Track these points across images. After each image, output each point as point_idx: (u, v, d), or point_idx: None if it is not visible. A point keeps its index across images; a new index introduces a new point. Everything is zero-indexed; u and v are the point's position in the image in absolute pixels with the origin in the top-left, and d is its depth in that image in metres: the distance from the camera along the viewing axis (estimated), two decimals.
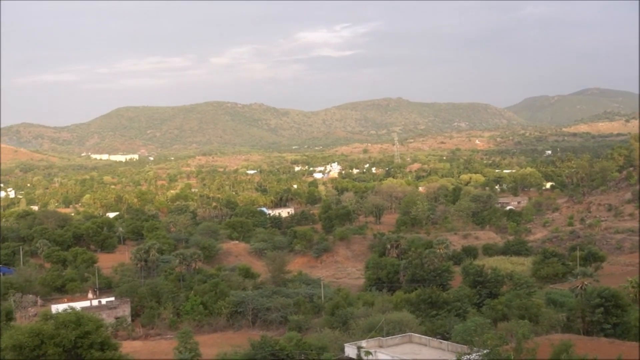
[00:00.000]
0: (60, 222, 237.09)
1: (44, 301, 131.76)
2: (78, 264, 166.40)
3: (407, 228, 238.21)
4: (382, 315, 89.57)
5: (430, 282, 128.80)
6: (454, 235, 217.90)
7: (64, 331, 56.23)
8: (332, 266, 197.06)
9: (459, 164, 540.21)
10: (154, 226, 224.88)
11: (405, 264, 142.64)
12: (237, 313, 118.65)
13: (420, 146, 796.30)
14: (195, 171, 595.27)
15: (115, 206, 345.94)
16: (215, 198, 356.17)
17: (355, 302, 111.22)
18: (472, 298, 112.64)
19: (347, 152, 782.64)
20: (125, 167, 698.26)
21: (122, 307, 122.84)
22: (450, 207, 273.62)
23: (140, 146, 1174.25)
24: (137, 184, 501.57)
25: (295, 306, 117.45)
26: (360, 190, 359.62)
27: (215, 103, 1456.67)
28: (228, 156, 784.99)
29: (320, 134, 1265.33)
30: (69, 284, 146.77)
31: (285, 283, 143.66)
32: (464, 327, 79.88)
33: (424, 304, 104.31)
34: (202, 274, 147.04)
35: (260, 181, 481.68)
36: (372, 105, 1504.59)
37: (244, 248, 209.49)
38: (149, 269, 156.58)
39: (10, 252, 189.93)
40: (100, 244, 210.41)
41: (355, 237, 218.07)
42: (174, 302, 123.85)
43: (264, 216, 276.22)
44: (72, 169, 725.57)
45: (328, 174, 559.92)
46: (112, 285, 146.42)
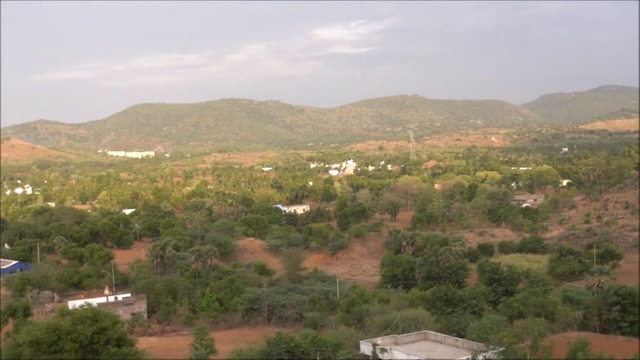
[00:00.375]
0: (77, 218, 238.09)
1: (60, 297, 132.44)
2: (94, 261, 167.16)
3: (423, 225, 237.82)
4: (398, 313, 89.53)
5: (446, 279, 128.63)
6: (469, 232, 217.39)
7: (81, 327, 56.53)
8: (348, 263, 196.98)
9: (474, 161, 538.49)
10: (170, 223, 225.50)
11: (421, 261, 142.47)
12: (253, 310, 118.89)
13: (436, 143, 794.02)
14: (211, 168, 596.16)
15: (131, 203, 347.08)
16: (231, 195, 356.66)
17: (370, 299, 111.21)
18: (487, 295, 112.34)
19: (362, 149, 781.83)
20: (142, 164, 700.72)
21: (138, 304, 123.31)
22: (466, 204, 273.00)
23: (157, 143, 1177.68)
24: (153, 181, 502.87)
25: (310, 303, 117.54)
26: (375, 187, 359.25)
27: (231, 100, 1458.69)
28: (244, 153, 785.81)
29: (336, 131, 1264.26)
30: (86, 280, 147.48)
31: (301, 280, 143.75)
32: (479, 324, 79.77)
33: (439, 301, 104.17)
34: (217, 271, 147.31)
35: (275, 178, 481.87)
36: (388, 102, 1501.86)
37: (260, 245, 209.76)
38: (165, 266, 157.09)
39: (27, 248, 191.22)
40: (116, 241, 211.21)
41: (371, 234, 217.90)
42: (190, 299, 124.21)
43: (279, 213, 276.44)
44: (88, 165, 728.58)
45: (343, 171, 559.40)
46: (128, 282, 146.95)
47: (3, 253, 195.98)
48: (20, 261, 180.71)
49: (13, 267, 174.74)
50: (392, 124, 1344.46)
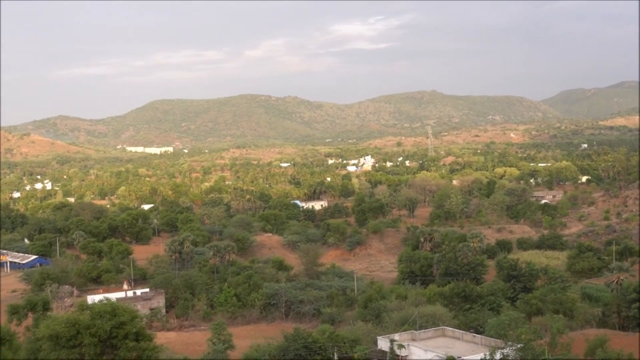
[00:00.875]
0: (96, 213, 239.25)
1: (79, 292, 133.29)
2: (113, 256, 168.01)
3: (441, 221, 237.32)
4: (415, 309, 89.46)
5: (464, 275, 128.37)
6: (488, 228, 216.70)
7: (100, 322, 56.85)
8: (365, 259, 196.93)
9: (493, 157, 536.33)
10: (188, 218, 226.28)
11: (439, 258, 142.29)
12: (271, 305, 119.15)
13: (455, 139, 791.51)
14: (229, 164, 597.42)
15: (150, 198, 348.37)
16: (249, 190, 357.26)
17: (388, 295, 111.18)
18: (506, 292, 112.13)
19: (380, 145, 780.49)
20: (160, 160, 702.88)
21: (156, 299, 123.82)
22: (485, 200, 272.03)
23: (175, 139, 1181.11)
24: (172, 177, 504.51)
25: (328, 299, 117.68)
26: (393, 183, 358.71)
27: (250, 96, 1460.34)
28: (262, 149, 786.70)
29: (354, 127, 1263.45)
30: (105, 275, 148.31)
31: (318, 276, 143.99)
32: (497, 321, 79.60)
33: (457, 297, 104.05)
34: (235, 266, 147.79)
35: (293, 174, 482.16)
36: (406, 98, 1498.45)
37: (278, 240, 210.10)
38: (183, 261, 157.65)
39: (47, 243, 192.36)
40: (135, 236, 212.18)
41: (389, 230, 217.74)
42: (208, 294, 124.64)
43: (297, 209, 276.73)
44: (107, 161, 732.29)
45: (361, 167, 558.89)
46: (146, 277, 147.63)
47: (23, 248, 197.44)
48: (39, 256, 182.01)
49: (33, 262, 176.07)
50: (410, 120, 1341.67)
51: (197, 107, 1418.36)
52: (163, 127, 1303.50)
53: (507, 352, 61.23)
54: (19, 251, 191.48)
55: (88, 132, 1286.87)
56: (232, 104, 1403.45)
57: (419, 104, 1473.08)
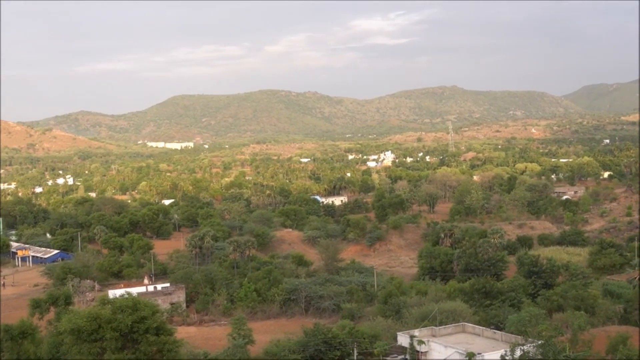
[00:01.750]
0: (117, 208, 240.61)
1: (101, 286, 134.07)
2: (134, 250, 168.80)
3: (461, 217, 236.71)
4: (435, 305, 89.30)
5: (484, 271, 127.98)
6: (508, 224, 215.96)
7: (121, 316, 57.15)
8: (385, 255, 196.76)
9: (514, 152, 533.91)
10: (209, 213, 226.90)
11: (459, 253, 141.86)
12: (290, 300, 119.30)
13: (475, 135, 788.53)
14: (249, 159, 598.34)
15: (170, 193, 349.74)
16: (269, 186, 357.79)
17: (408, 291, 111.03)
18: (526, 288, 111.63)
19: (400, 140, 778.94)
20: (181, 155, 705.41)
21: (177, 293, 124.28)
22: (505, 196, 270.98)
23: (196, 134, 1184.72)
24: (192, 172, 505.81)
25: (348, 294, 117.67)
26: (413, 178, 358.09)
27: (270, 91, 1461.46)
28: (282, 144, 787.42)
29: (374, 122, 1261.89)
30: (126, 270, 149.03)
31: (338, 271, 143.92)
32: (518, 317, 79.31)
33: (477, 293, 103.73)
34: (255, 261, 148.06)
35: (313, 169, 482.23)
36: (427, 93, 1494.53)
37: (297, 236, 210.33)
38: (203, 256, 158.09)
39: (68, 238, 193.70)
40: (156, 231, 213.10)
41: (409, 226, 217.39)
42: (228, 289, 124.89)
43: (317, 204, 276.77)
44: (128, 156, 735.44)
45: (381, 163, 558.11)
46: (167, 272, 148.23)
47: (45, 242, 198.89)
48: (61, 250, 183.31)
49: (55, 257, 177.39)
50: (431, 115, 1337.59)
51: (218, 102, 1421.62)
52: (184, 122, 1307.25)
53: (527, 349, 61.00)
54: (41, 246, 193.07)
55: (109, 127, 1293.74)
56: (253, 100, 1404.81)
57: (440, 99, 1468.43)
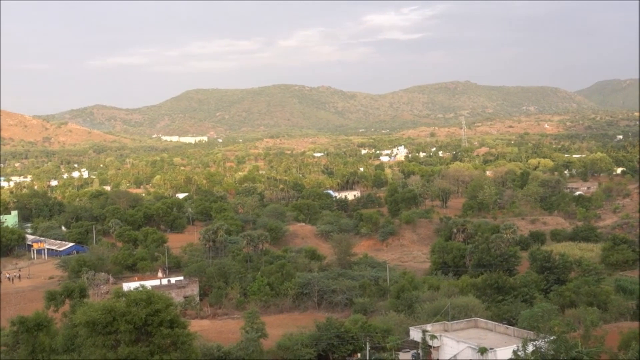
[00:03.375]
0: (132, 202, 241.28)
1: (115, 279, 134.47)
2: (148, 244, 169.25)
3: (474, 212, 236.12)
4: (448, 300, 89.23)
5: (497, 267, 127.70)
6: (521, 220, 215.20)
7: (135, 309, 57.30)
8: (398, 249, 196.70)
9: (527, 148, 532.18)
10: (222, 207, 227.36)
11: (472, 249, 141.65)
12: (303, 294, 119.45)
13: (488, 130, 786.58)
14: (262, 153, 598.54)
15: (184, 187, 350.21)
16: (282, 180, 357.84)
17: (420, 285, 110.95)
18: (539, 284, 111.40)
19: (414, 135, 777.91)
20: (195, 149, 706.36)
21: (190, 287, 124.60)
22: (518, 191, 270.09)
23: (210, 128, 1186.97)
24: (206, 166, 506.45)
25: (360, 289, 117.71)
26: (426, 173, 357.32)
27: (283, 86, 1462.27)
28: (295, 139, 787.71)
29: (387, 117, 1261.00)
30: (140, 263, 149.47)
31: (351, 266, 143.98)
32: (530, 313, 79.15)
33: (490, 288, 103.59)
34: (269, 255, 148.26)
35: (326, 164, 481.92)
36: (440, 88, 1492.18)
37: (310, 230, 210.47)
38: (217, 250, 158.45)
39: (83, 231, 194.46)
40: (170, 224, 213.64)
41: (421, 221, 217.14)
42: (241, 283, 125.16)
43: (330, 199, 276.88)
44: (143, 150, 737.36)
45: (394, 157, 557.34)
46: (181, 265, 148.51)
47: (60, 235, 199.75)
48: (76, 243, 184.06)
49: (70, 249, 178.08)
50: (444, 110, 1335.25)
51: (232, 96, 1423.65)
52: (198, 116, 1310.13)
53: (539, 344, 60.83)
54: (57, 238, 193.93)
55: (124, 121, 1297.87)
56: (266, 94, 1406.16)
57: (453, 94, 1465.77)
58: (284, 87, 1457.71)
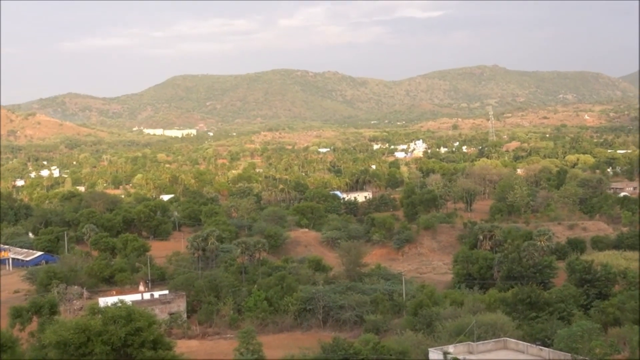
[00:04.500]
0: (109, 204, 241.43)
1: (90, 293, 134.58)
2: (128, 253, 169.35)
3: (503, 216, 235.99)
4: (473, 317, 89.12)
5: (529, 279, 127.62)
6: (557, 225, 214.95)
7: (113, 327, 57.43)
8: (415, 259, 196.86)
9: (564, 142, 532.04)
10: (213, 211, 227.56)
11: (500, 258, 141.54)
12: (306, 311, 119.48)
13: (519, 121, 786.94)
14: (260, 149, 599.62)
15: (170, 188, 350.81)
16: (283, 180, 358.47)
17: (441, 300, 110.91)
18: (578, 299, 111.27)
19: (433, 127, 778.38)
20: (182, 144, 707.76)
21: (176, 302, 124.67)
22: (554, 192, 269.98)
23: (199, 120, 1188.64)
24: (195, 163, 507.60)
25: (372, 304, 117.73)
26: (448, 172, 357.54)
27: (284, 71, 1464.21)
28: (297, 132, 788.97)
29: (403, 107, 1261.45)
30: (118, 275, 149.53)
31: (361, 278, 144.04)
32: (568, 332, 79.01)
33: (521, 304, 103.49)
34: (266, 266, 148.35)
35: (333, 161, 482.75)
36: (464, 74, 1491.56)
37: (315, 237, 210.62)
38: (207, 260, 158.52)
39: (54, 237, 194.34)
40: (153, 230, 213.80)
41: (443, 226, 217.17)
42: (235, 298, 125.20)
43: (337, 201, 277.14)
44: (122, 145, 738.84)
45: (411, 153, 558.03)
46: (165, 277, 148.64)
47: (27, 243, 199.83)
48: (45, 252, 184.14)
49: (38, 259, 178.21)
50: (469, 99, 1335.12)
51: (224, 83, 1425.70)
52: (185, 106, 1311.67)
53: None
54: (23, 247, 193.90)
55: (100, 112, 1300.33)
56: (264, 81, 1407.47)
57: (479, 80, 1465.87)
58: (285, 72, 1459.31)
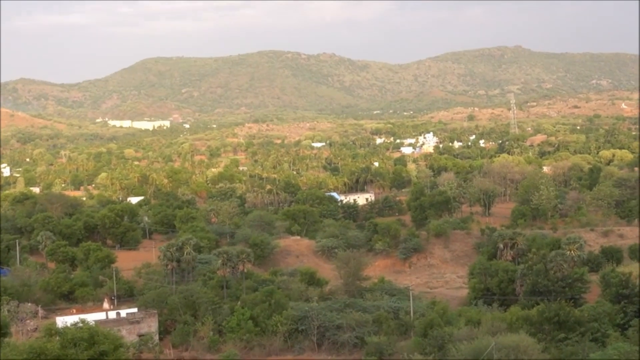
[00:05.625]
0: (68, 208, 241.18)
1: (46, 312, 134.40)
2: (90, 264, 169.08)
3: (527, 222, 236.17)
4: (492, 339, 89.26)
5: (558, 294, 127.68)
6: (590, 231, 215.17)
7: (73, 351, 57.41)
8: (425, 271, 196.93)
9: (598, 135, 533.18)
10: (190, 215, 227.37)
11: (524, 270, 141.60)
12: (298, 332, 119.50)
13: (546, 111, 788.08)
14: (244, 143, 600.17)
15: (139, 189, 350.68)
16: (270, 179, 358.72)
17: (455, 319, 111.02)
18: (614, 317, 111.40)
19: (446, 118, 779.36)
20: (153, 138, 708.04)
21: (147, 322, 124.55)
22: (586, 193, 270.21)
23: (173, 110, 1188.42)
24: (168, 160, 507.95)
25: (375, 324, 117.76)
26: (463, 170, 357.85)
27: (272, 53, 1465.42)
28: (288, 124, 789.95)
29: (411, 95, 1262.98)
30: (79, 290, 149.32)
31: (362, 293, 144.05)
32: (603, 355, 79.19)
33: (548, 324, 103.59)
34: (252, 280, 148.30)
35: (329, 157, 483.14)
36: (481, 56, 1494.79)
37: (308, 246, 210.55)
38: (182, 272, 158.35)
39: (3, 247, 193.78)
40: (119, 238, 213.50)
41: (457, 233, 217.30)
42: (215, 316, 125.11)
43: (334, 204, 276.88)
44: (83, 139, 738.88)
45: (420, 149, 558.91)
46: (134, 293, 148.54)
47: None
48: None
49: None
50: (487, 85, 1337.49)
51: (203, 67, 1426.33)
52: (157, 94, 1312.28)
53: None
54: None
55: (58, 100, 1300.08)
56: (249, 64, 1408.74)
57: (498, 63, 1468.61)
58: (273, 54, 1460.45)
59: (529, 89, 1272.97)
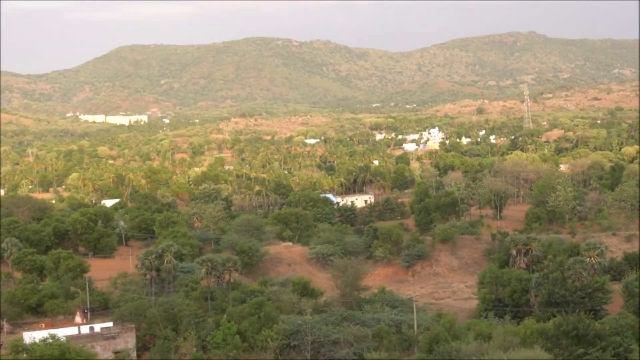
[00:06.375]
0: (36, 212, 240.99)
1: (12, 326, 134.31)
2: (61, 274, 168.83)
3: (542, 225, 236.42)
4: (504, 354, 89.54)
5: (576, 305, 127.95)
6: (612, 236, 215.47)
7: None
8: (430, 280, 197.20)
9: (620, 130, 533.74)
10: (170, 220, 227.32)
11: (539, 279, 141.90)
12: (290, 348, 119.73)
13: (563, 104, 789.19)
14: (230, 140, 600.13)
15: (114, 190, 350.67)
16: (259, 179, 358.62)
17: (463, 333, 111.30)
18: (638, 330, 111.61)
19: (453, 112, 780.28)
20: (129, 134, 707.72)
21: (123, 337, 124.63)
22: (607, 194, 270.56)
23: (151, 103, 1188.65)
24: (146, 159, 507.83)
25: (375, 339, 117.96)
26: (472, 168, 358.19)
27: (260, 40, 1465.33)
28: (278, 118, 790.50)
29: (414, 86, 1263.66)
30: (48, 303, 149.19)
31: (361, 305, 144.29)
32: None
33: (566, 337, 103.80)
34: (239, 290, 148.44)
35: (324, 155, 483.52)
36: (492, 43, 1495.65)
37: (301, 253, 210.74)
38: (162, 282, 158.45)
39: None
40: (92, 245, 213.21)
41: (465, 239, 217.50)
42: (199, 331, 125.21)
43: (329, 206, 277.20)
44: (52, 135, 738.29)
45: (425, 145, 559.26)
46: (109, 305, 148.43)
47: None
48: None
49: None
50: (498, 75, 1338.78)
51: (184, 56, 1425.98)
52: (133, 85, 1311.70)
53: None
54: None
55: (24, 93, 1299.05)
56: (235, 52, 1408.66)
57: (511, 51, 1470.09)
58: (262, 41, 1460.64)
59: (544, 79, 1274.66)
